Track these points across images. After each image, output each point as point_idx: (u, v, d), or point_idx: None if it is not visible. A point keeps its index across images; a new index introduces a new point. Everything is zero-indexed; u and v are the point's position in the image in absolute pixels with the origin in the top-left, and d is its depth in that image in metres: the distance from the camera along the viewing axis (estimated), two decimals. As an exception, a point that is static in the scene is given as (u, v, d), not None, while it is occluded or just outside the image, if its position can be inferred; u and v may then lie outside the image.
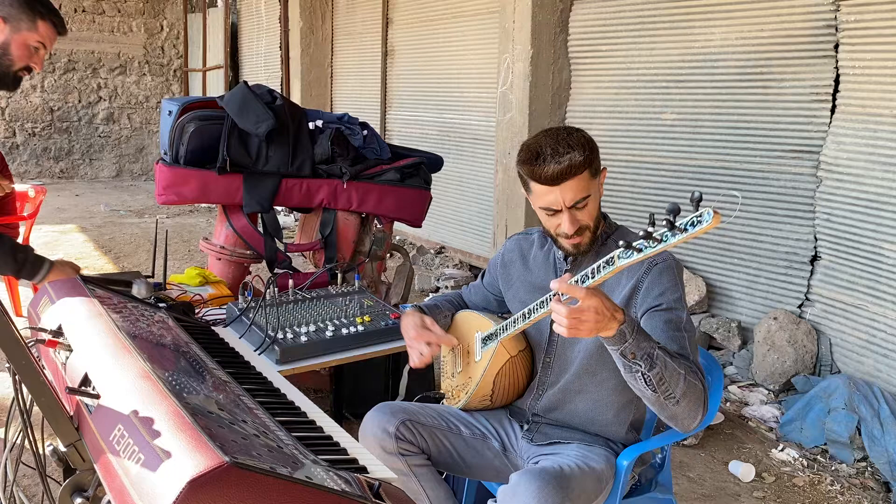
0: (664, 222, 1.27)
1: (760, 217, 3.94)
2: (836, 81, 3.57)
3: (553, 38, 4.90)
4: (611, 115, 4.72)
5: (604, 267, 1.40)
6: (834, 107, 3.59)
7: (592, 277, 1.42)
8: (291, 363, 2.17)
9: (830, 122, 3.60)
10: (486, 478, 1.93)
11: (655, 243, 1.30)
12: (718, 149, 4.12)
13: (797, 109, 3.75)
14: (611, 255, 1.39)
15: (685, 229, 1.25)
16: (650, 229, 1.30)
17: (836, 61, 3.56)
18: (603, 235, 1.78)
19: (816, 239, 3.70)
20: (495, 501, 1.57)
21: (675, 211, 1.25)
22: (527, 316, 1.68)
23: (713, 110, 4.14)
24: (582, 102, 4.95)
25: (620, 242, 1.35)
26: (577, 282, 1.44)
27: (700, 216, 1.23)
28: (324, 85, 8.20)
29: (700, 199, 1.23)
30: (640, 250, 1.33)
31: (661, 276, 1.68)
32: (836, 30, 3.53)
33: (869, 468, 2.99)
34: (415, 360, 1.86)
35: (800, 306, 3.78)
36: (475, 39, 5.83)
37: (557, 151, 1.62)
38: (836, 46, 3.55)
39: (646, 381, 1.50)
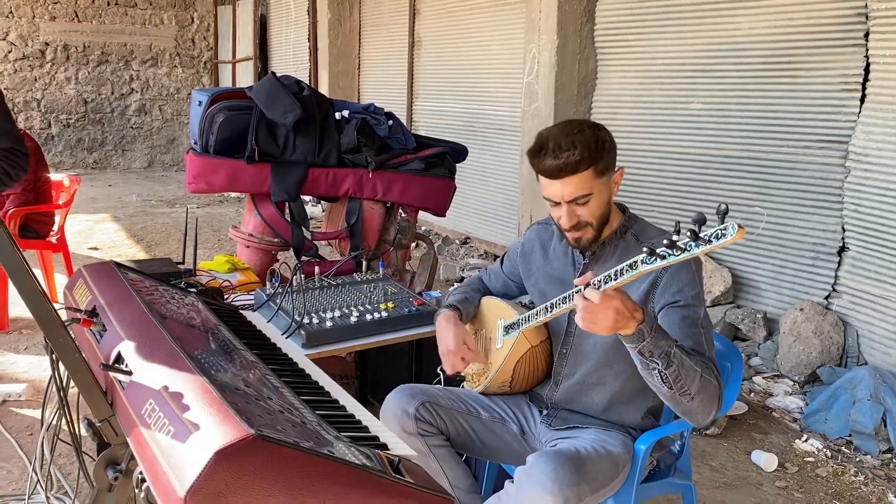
0: (688, 232, 1.30)
1: (787, 208, 3.91)
2: (866, 70, 3.53)
3: (579, 28, 4.89)
4: (637, 105, 4.70)
5: (626, 270, 1.43)
6: (863, 96, 3.54)
7: (615, 279, 1.45)
8: (317, 347, 2.22)
9: (860, 111, 3.56)
10: (504, 460, 1.96)
11: (679, 252, 1.32)
12: (745, 139, 4.09)
13: (825, 99, 3.71)
14: (634, 259, 1.41)
15: (709, 241, 1.28)
16: (675, 238, 1.32)
17: (867, 50, 3.51)
18: (622, 229, 1.80)
19: (844, 230, 3.67)
20: (512, 482, 1.60)
21: (700, 221, 1.28)
22: (549, 309, 1.71)
23: (740, 100, 4.11)
24: (608, 92, 4.93)
25: (644, 248, 1.37)
26: (599, 282, 1.47)
27: (725, 229, 1.25)
28: (351, 76, 8.25)
29: (726, 212, 1.25)
30: (663, 257, 1.35)
31: (679, 272, 1.69)
32: (867, 18, 3.49)
33: (894, 459, 2.97)
34: (449, 370, 1.92)
35: (826, 297, 3.75)
36: (501, 30, 5.84)
37: (560, 147, 1.63)
38: (867, 35, 3.50)
39: (662, 379, 1.52)
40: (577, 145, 1.62)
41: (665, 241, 1.33)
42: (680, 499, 2.33)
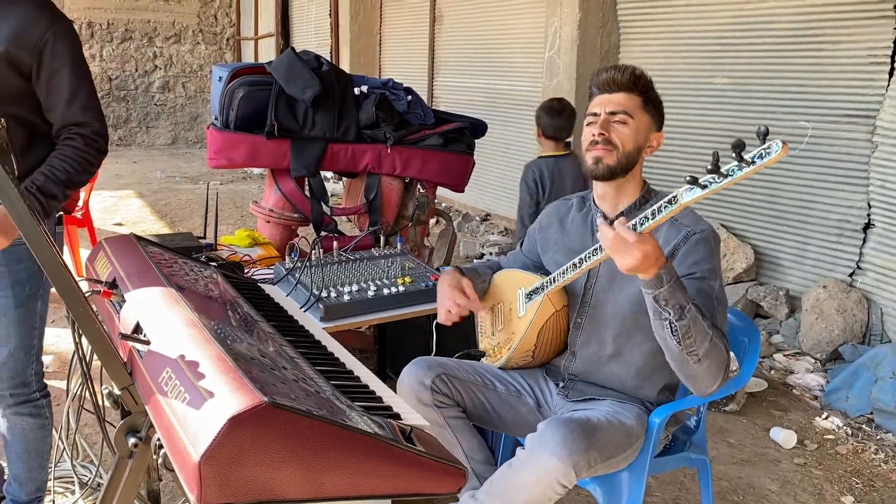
0: (732, 156, 1.28)
1: (813, 184, 3.85)
2: (895, 43, 3.45)
3: (602, 1, 4.83)
4: (660, 80, 4.59)
5: (665, 206, 1.40)
6: (892, 69, 3.47)
7: (653, 218, 1.43)
8: (335, 320, 2.24)
9: (888, 85, 3.49)
10: (519, 433, 1.97)
11: (722, 178, 1.30)
12: (770, 114, 4.02)
13: (853, 73, 3.64)
14: (673, 193, 1.38)
15: (753, 161, 1.26)
16: (717, 164, 1.30)
17: (896, 22, 3.44)
18: (641, 199, 1.79)
19: (870, 206, 3.61)
20: (524, 449, 1.61)
21: (740, 146, 1.26)
22: (579, 264, 1.70)
23: (765, 74, 4.04)
24: (630, 67, 4.87)
25: (686, 178, 1.35)
26: (636, 224, 1.47)
27: (768, 148, 1.24)
28: (372, 52, 8.22)
29: (767, 133, 1.24)
30: (704, 186, 1.32)
31: (697, 245, 1.68)
32: (897, -11, 3.41)
33: (916, 438, 2.95)
34: (442, 316, 1.92)
35: (851, 275, 3.71)
36: (523, 4, 5.78)
37: (620, 68, 1.74)
38: (896, 6, 3.43)
39: (672, 331, 1.51)
40: (637, 71, 1.76)
41: (708, 168, 1.30)
42: (695, 473, 2.33)
